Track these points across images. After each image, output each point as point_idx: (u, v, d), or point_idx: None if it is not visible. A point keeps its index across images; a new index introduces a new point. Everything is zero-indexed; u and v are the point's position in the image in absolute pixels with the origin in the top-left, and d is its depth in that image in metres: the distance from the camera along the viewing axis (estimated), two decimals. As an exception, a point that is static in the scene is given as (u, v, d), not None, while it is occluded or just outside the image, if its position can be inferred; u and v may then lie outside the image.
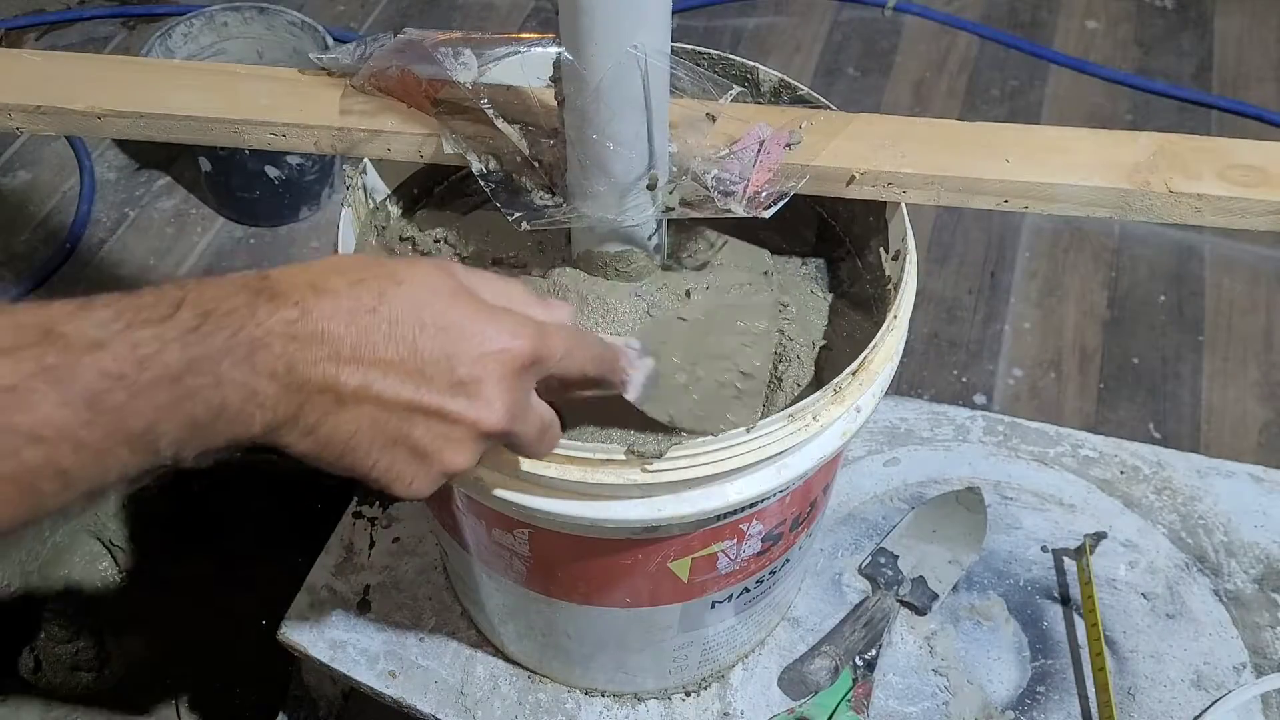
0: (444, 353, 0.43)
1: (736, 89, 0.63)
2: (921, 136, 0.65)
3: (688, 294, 0.64)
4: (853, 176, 0.63)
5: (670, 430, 0.57)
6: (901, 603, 0.86)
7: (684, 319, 0.62)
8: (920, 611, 0.86)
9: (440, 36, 0.66)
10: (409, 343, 0.42)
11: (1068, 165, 0.63)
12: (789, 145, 0.63)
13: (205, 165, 1.36)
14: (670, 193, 0.62)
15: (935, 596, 0.86)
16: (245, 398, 0.38)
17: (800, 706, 0.81)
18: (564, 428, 0.54)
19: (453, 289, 0.45)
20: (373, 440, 0.43)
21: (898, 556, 0.88)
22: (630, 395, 0.55)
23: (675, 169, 0.62)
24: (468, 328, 0.44)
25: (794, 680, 0.82)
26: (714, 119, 0.64)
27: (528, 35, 0.66)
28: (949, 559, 0.88)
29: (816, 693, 0.81)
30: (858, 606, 0.86)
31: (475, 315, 0.44)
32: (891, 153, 0.64)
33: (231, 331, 0.37)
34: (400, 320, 0.42)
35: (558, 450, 0.54)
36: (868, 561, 0.89)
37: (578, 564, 0.66)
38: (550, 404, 0.50)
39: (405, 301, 0.42)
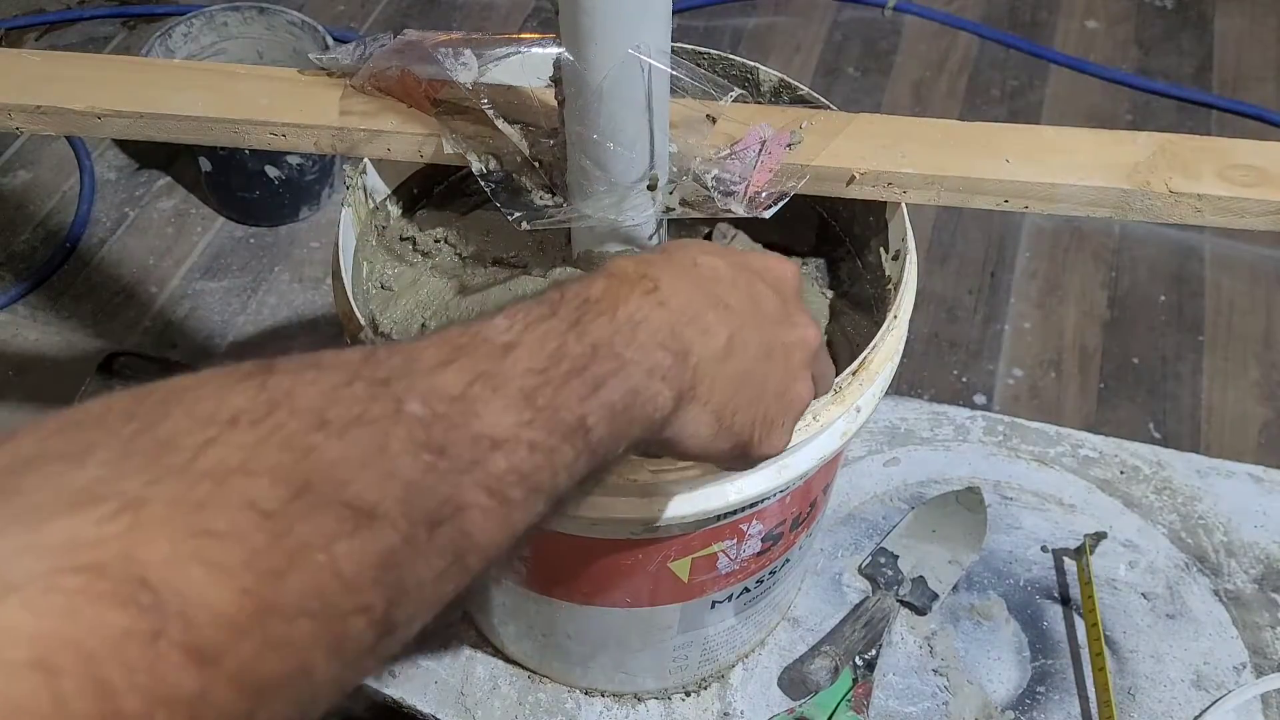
0: (761, 287, 0.45)
1: (737, 90, 0.63)
2: (922, 136, 0.65)
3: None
4: (853, 176, 0.63)
5: None
6: (901, 603, 0.86)
7: None
8: (920, 611, 0.86)
9: (440, 37, 0.66)
10: (737, 286, 0.44)
11: (1068, 165, 0.63)
12: (790, 145, 0.63)
13: (205, 165, 1.36)
14: (670, 193, 0.62)
15: (935, 596, 0.86)
16: (648, 373, 0.38)
17: (800, 706, 0.81)
18: None
19: (717, 247, 0.47)
20: (749, 393, 0.43)
21: (898, 556, 0.88)
22: None
23: (675, 169, 0.62)
24: (757, 261, 0.47)
25: (794, 680, 0.82)
26: (714, 120, 0.64)
27: (528, 35, 0.66)
28: (949, 559, 0.88)
29: (816, 693, 0.81)
30: (858, 606, 0.86)
31: (752, 253, 0.48)
32: (892, 153, 0.64)
33: (610, 315, 0.38)
34: (720, 271, 0.44)
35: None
36: (868, 561, 0.89)
37: (578, 564, 0.66)
38: None
39: (724, 261, 0.44)
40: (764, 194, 0.61)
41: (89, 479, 0.24)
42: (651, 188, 0.60)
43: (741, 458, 0.45)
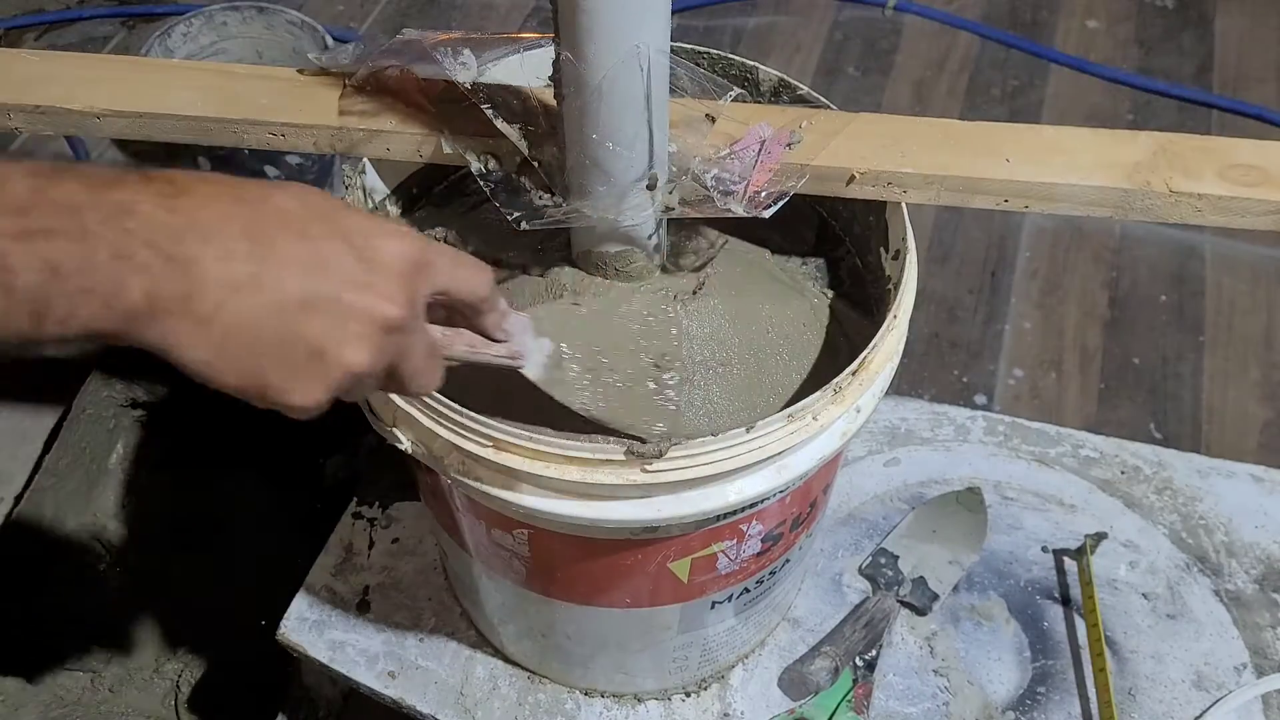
0: (341, 246, 0.42)
1: (736, 90, 0.63)
2: (922, 136, 0.65)
3: (694, 292, 0.64)
4: (853, 176, 0.63)
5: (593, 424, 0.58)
6: (902, 603, 0.86)
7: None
8: (920, 612, 0.86)
9: (439, 36, 0.66)
10: (303, 235, 0.41)
11: (1068, 165, 0.63)
12: (789, 145, 0.63)
13: (204, 165, 1.36)
14: (670, 193, 0.61)
15: (935, 597, 0.86)
16: (114, 256, 0.37)
17: (800, 707, 0.81)
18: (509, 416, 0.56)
19: (336, 202, 0.45)
20: (272, 336, 0.41)
21: (898, 557, 0.88)
22: (530, 373, 0.56)
23: (675, 169, 0.62)
24: (362, 226, 0.44)
25: (794, 680, 0.82)
26: (714, 119, 0.64)
27: (527, 35, 0.66)
28: (949, 559, 0.88)
29: (816, 693, 0.81)
30: (858, 607, 0.86)
31: (368, 218, 0.44)
32: (892, 152, 0.64)
33: (91, 189, 0.37)
34: (291, 216, 0.41)
35: (557, 450, 0.54)
36: (868, 562, 0.88)
37: (577, 564, 0.66)
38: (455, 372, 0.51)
39: (293, 199, 0.42)
40: (763, 193, 0.61)
41: None
42: (651, 187, 0.60)
43: (258, 398, 0.43)
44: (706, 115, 0.64)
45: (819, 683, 0.81)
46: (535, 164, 0.63)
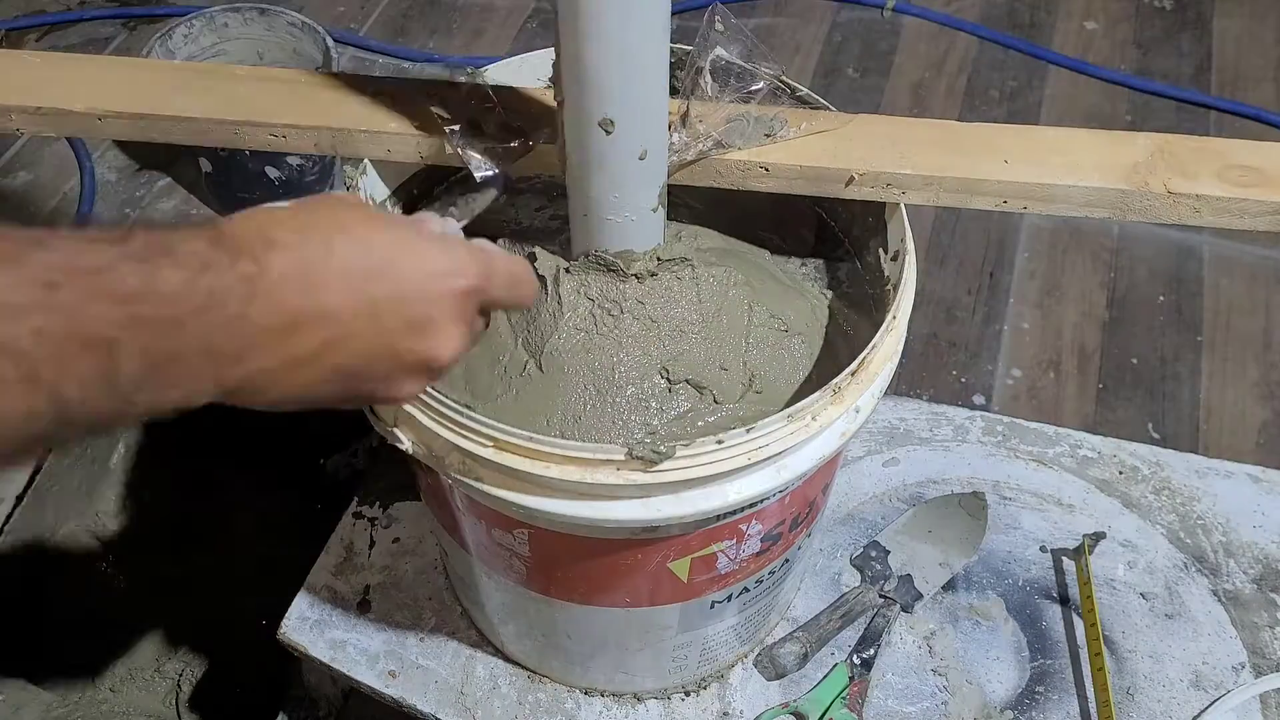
0: (396, 294, 0.43)
1: (737, 91, 0.63)
2: (921, 137, 0.65)
3: (694, 293, 0.64)
4: (852, 177, 0.63)
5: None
6: (884, 597, 0.86)
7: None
8: (903, 609, 0.86)
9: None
10: (361, 291, 0.42)
11: (1066, 166, 0.63)
12: (768, 135, 0.64)
13: (205, 166, 1.36)
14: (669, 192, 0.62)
15: (920, 596, 0.87)
16: (205, 353, 0.38)
17: (795, 703, 0.81)
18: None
19: (393, 223, 0.46)
20: (335, 388, 0.43)
21: (889, 552, 0.89)
22: None
23: (674, 161, 0.62)
24: (415, 265, 0.45)
25: (765, 662, 0.83)
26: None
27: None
28: (940, 560, 0.89)
29: (785, 675, 0.82)
30: (840, 598, 0.86)
31: (421, 251, 0.45)
32: (891, 154, 0.64)
33: (188, 276, 0.37)
34: (350, 270, 0.42)
35: (557, 450, 0.55)
36: (859, 553, 0.89)
37: (577, 564, 0.66)
38: None
39: (354, 248, 0.43)
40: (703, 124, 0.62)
41: None
42: (651, 185, 0.60)
43: (358, 403, 0.47)
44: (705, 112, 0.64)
45: (786, 665, 0.82)
46: (535, 176, 0.63)
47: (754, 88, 0.64)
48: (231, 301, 0.38)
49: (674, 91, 0.59)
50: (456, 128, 0.63)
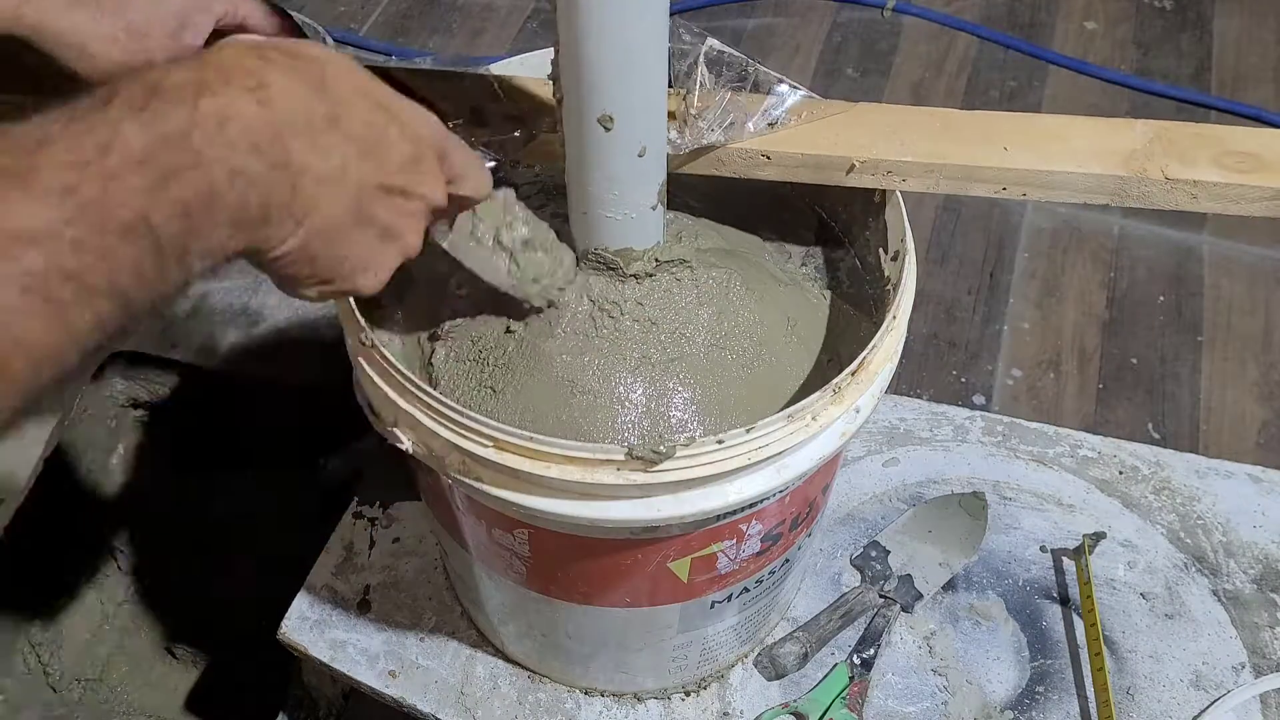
0: (390, 130, 0.43)
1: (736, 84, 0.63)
2: (920, 125, 0.65)
3: (694, 293, 0.64)
4: (853, 165, 0.64)
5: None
6: (884, 597, 0.86)
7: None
8: (903, 609, 0.86)
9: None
10: (362, 120, 0.41)
11: (1065, 152, 0.63)
12: (771, 124, 0.64)
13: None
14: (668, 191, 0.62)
15: (919, 596, 0.87)
16: (231, 174, 0.36)
17: (795, 703, 0.81)
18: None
19: (367, 74, 0.44)
20: (352, 224, 0.42)
21: (889, 552, 0.89)
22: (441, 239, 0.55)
23: (674, 159, 0.62)
24: (401, 108, 0.44)
25: (765, 662, 0.83)
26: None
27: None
28: (940, 561, 0.89)
29: (785, 675, 0.82)
30: (840, 598, 0.86)
31: (399, 98, 0.44)
32: (891, 141, 0.64)
33: (190, 105, 0.35)
34: (345, 99, 0.41)
35: (557, 450, 0.55)
36: (859, 553, 0.89)
37: (577, 564, 0.66)
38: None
39: (345, 79, 0.41)
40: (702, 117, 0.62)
41: None
42: (650, 183, 0.60)
43: (324, 287, 0.44)
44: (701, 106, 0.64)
45: (785, 665, 0.82)
46: (533, 166, 0.63)
47: (750, 77, 0.64)
48: (243, 113, 0.36)
49: (670, 83, 0.59)
50: (460, 120, 0.63)
